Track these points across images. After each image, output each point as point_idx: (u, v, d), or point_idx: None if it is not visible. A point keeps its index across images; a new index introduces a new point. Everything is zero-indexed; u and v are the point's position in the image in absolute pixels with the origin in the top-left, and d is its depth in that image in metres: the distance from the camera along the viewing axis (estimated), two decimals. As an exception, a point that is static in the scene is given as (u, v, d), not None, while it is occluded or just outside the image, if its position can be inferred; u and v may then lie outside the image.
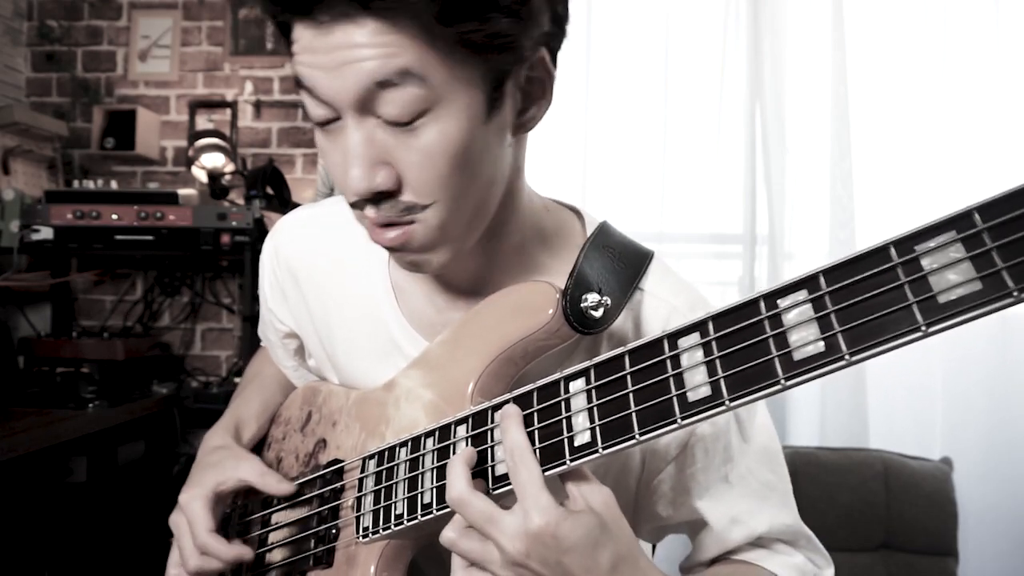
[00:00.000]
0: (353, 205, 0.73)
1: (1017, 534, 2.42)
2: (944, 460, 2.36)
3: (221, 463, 0.92)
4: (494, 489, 0.70)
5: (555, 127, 2.63)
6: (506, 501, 0.68)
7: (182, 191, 2.67)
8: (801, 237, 2.64)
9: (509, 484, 0.68)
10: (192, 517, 0.87)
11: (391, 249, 0.76)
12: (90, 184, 2.72)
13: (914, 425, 2.52)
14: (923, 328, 0.47)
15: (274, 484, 0.90)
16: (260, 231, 2.58)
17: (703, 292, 0.89)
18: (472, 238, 0.78)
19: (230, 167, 2.79)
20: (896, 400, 2.54)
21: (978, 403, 2.48)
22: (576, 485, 0.68)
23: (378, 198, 0.71)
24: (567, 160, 2.72)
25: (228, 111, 2.94)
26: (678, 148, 2.71)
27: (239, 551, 0.86)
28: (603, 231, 0.87)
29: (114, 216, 2.58)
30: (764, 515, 0.85)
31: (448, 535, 0.69)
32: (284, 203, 2.74)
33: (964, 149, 2.50)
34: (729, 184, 2.68)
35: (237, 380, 2.54)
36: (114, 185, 2.72)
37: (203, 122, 2.97)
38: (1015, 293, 0.44)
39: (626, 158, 2.73)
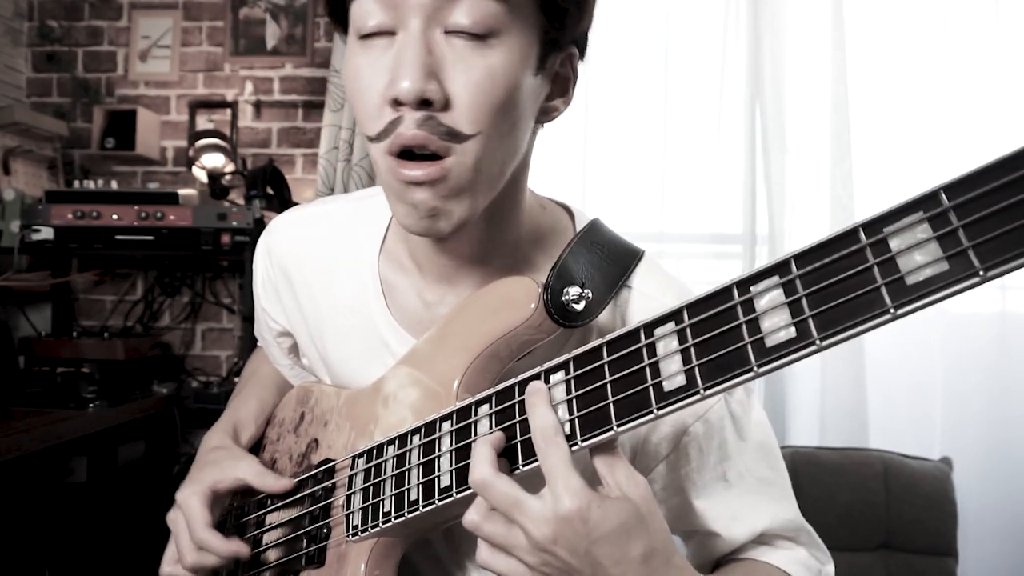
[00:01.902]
0: (378, 136, 0.69)
1: (1017, 534, 2.41)
2: (944, 460, 2.35)
3: (219, 462, 0.92)
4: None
5: (555, 127, 2.61)
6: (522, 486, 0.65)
7: (182, 191, 2.67)
8: (801, 237, 2.62)
9: (516, 469, 0.66)
10: (189, 513, 0.86)
11: (416, 185, 0.70)
12: (90, 184, 2.72)
13: (914, 425, 2.51)
14: (892, 311, 0.47)
15: (272, 482, 0.90)
16: (260, 231, 2.56)
17: (693, 290, 0.88)
18: (487, 200, 0.76)
19: (230, 167, 2.79)
20: (896, 400, 2.53)
21: (977, 403, 2.47)
22: (611, 472, 0.64)
23: (421, 108, 0.67)
24: (567, 160, 2.72)
25: (228, 111, 2.94)
26: (678, 148, 2.71)
27: (236, 547, 0.85)
28: (592, 228, 0.86)
29: (114, 216, 2.57)
30: (765, 511, 0.83)
31: (472, 518, 0.66)
32: (284, 203, 2.73)
33: (964, 149, 2.50)
34: (729, 184, 2.68)
35: (237, 380, 2.53)
36: (114, 185, 2.71)
37: (203, 122, 2.97)
38: (981, 272, 0.44)
39: (626, 158, 2.74)
